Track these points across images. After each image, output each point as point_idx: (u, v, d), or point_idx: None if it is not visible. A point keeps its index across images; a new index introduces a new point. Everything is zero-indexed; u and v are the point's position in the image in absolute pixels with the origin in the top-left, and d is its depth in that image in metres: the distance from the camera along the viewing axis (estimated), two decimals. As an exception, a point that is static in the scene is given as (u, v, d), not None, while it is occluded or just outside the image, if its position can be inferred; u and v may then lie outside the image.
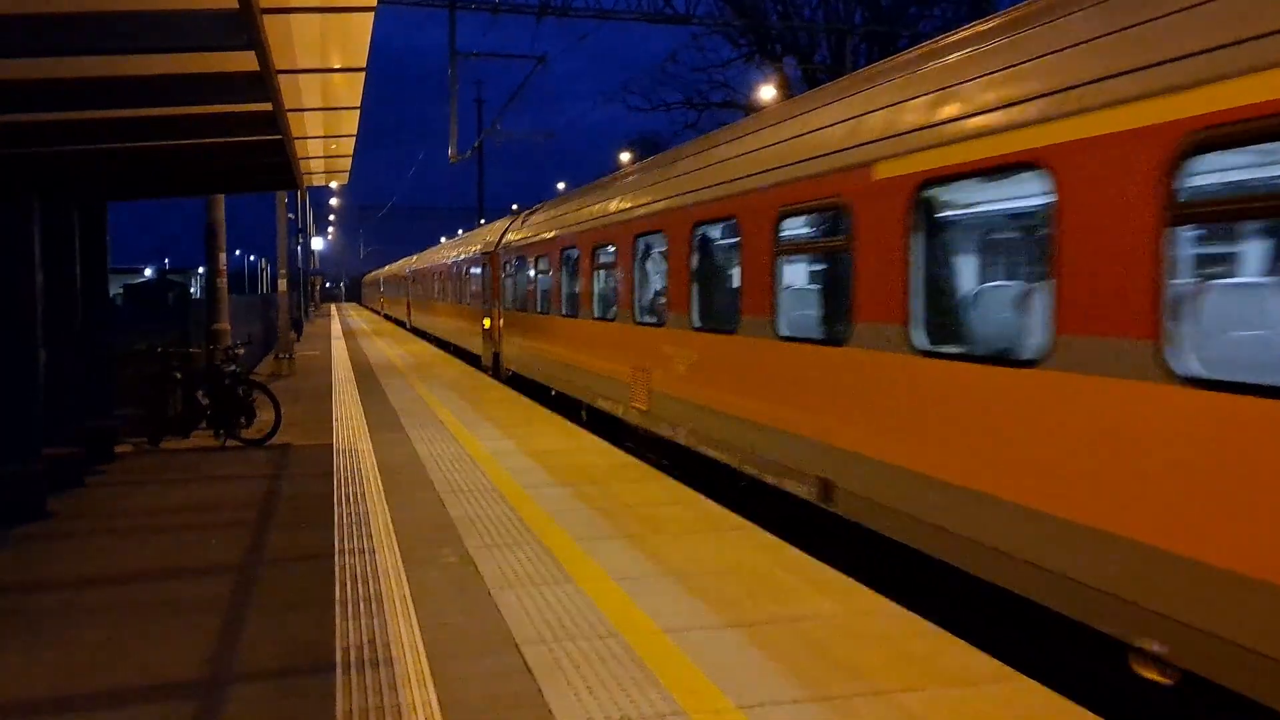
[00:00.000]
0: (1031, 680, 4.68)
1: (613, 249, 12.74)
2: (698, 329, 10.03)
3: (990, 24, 6.39)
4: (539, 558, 6.86)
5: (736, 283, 9.08)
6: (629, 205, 12.39)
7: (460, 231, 64.75)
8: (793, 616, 5.59)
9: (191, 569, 6.91)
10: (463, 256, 28.59)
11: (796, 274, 9.31)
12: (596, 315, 13.70)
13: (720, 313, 9.74)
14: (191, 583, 6.56)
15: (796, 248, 8.57)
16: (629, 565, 6.64)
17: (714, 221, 9.75)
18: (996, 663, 4.90)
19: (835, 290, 7.82)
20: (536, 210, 20.16)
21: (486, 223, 45.15)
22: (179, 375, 12.54)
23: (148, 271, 49.64)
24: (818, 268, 9.12)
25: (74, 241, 9.86)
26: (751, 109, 31.97)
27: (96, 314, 10.60)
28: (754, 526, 7.73)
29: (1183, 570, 4.38)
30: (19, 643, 5.42)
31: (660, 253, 11.41)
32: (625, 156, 44.72)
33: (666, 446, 11.16)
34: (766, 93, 32.61)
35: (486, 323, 23.21)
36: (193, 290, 41.71)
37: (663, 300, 11.22)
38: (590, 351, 13.88)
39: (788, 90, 32.62)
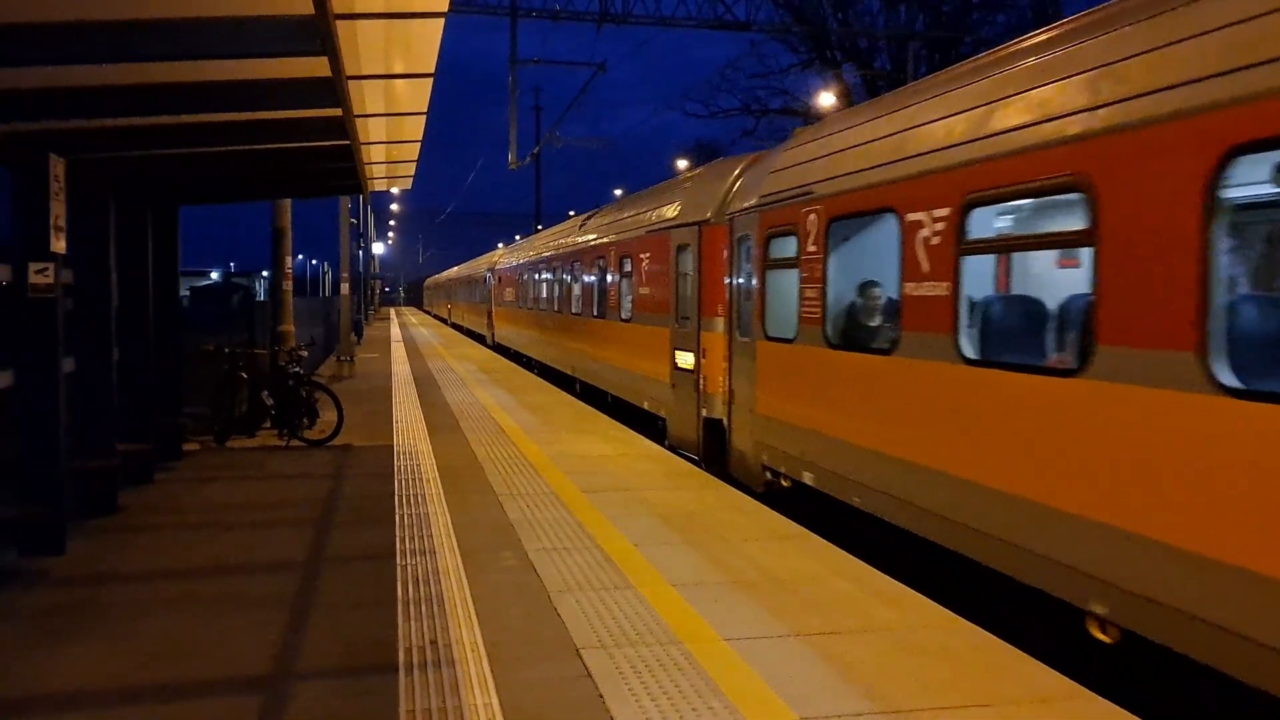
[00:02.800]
0: (1104, 700, 4.55)
1: None
2: None
3: None
4: (598, 563, 6.85)
5: None
6: None
7: (518, 237, 64.41)
8: (854, 628, 5.51)
9: (257, 565, 7.02)
10: (616, 238, 16.66)
11: None
12: None
13: None
14: (257, 579, 6.66)
15: None
16: (689, 572, 6.60)
17: None
18: (1067, 680, 4.77)
19: None
20: (876, 112, 8.37)
21: (544, 228, 44.24)
22: (245, 376, 12.80)
23: (214, 274, 50.80)
24: None
25: (147, 244, 10.10)
26: (811, 116, 31.76)
27: (167, 314, 10.85)
28: (813, 535, 7.64)
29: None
30: (90, 633, 5.55)
31: None
32: (682, 164, 44.72)
33: None
34: (826, 99, 32.40)
35: (684, 360, 12.32)
36: (256, 293, 42.57)
37: None
38: None
39: (848, 97, 32.36)
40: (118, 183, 8.98)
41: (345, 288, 25.80)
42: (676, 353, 12.68)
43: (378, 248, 73.41)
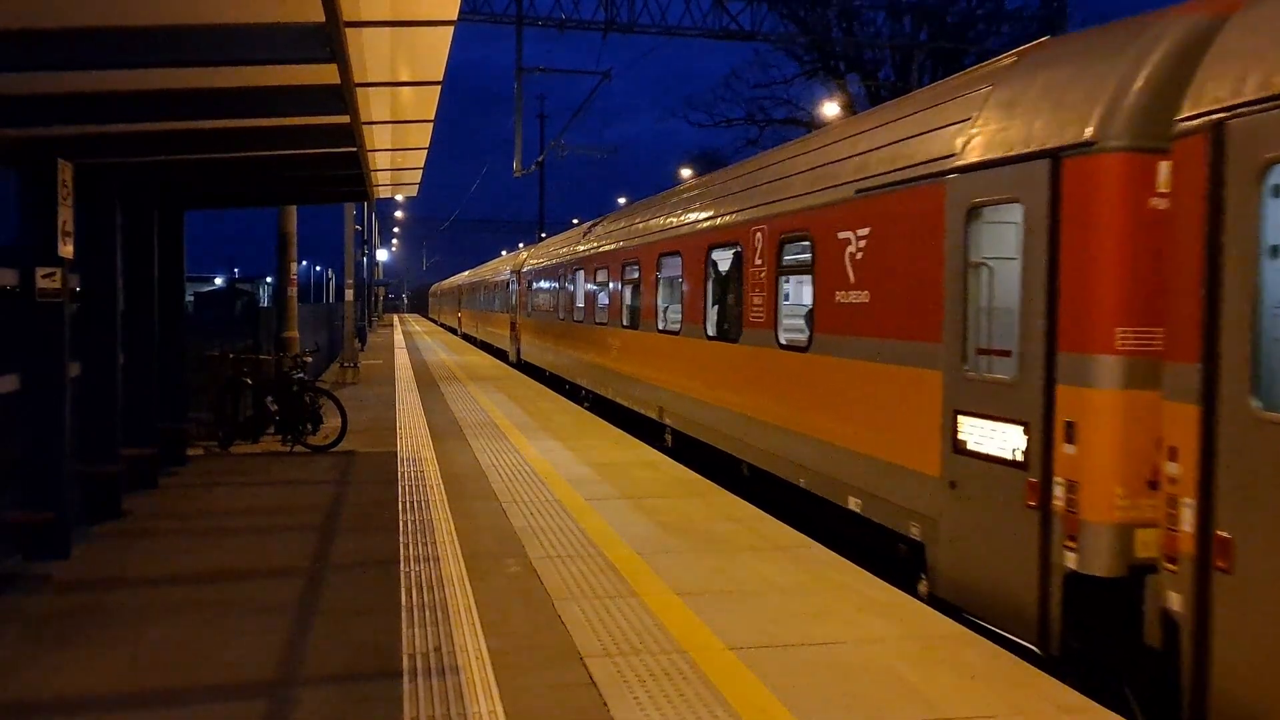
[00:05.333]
0: (1115, 715, 4.54)
1: None
2: None
3: None
4: (602, 570, 6.84)
5: None
6: None
7: (520, 245, 63.81)
8: (860, 638, 5.49)
9: (260, 571, 7.02)
10: (769, 212, 9.95)
11: None
12: None
13: None
14: (260, 584, 6.66)
15: None
16: (693, 580, 6.59)
17: None
18: (1076, 694, 4.76)
19: None
20: None
21: (547, 236, 43.95)
22: (249, 381, 12.81)
23: (218, 280, 50.85)
24: None
25: (153, 249, 10.12)
26: (814, 125, 31.87)
27: (172, 319, 10.85)
28: (817, 545, 7.63)
29: None
30: (95, 638, 5.55)
31: None
32: (686, 173, 44.79)
33: None
34: (830, 109, 32.49)
35: (988, 438, 6.29)
36: (260, 299, 42.40)
37: None
38: None
39: (851, 108, 32.44)
40: (125, 187, 9.00)
41: (349, 294, 25.80)
42: (963, 420, 6.62)
43: (381, 254, 73.55)
